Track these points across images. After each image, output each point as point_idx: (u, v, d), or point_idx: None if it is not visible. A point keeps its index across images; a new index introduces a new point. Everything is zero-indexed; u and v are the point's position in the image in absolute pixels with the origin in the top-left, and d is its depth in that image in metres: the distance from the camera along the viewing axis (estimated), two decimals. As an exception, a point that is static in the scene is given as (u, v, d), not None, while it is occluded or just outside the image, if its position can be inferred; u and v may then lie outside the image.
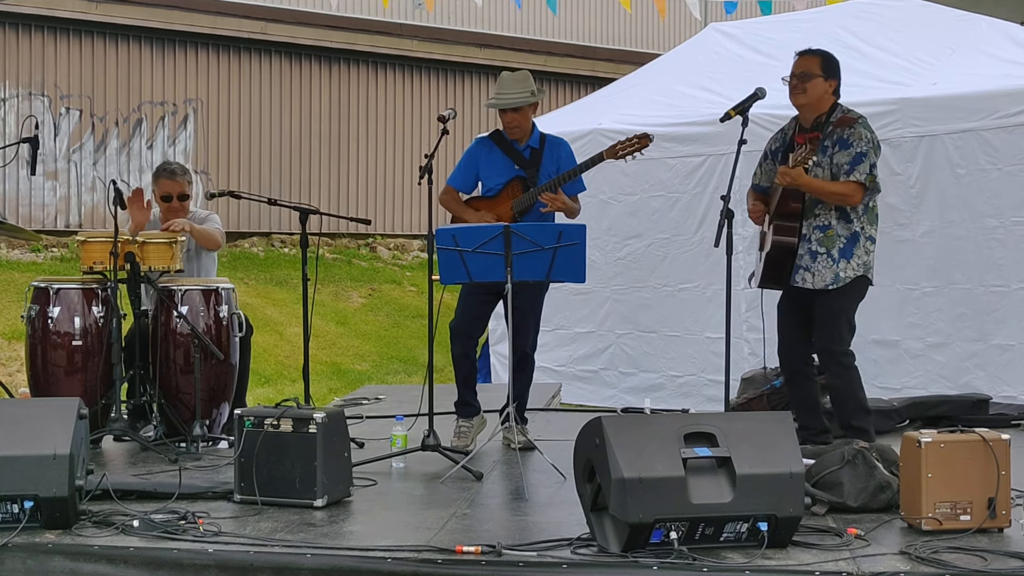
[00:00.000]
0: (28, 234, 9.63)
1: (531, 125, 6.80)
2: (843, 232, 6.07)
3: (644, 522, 4.32)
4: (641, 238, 9.69)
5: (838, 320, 6.09)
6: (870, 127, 6.14)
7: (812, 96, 6.15)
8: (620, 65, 17.23)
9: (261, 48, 16.29)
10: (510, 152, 6.80)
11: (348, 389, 10.88)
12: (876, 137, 6.14)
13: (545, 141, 6.84)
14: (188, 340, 6.67)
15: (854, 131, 6.06)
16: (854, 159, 6.01)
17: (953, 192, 8.18)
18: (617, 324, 9.87)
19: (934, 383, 8.18)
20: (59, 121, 14.90)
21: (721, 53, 10.13)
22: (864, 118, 6.17)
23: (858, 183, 6.01)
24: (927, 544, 4.49)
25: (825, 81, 6.15)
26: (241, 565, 4.43)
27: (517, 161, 6.78)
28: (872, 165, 6.03)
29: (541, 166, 6.74)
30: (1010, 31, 8.82)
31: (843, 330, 6.11)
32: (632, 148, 6.64)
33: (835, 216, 6.07)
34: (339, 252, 16.41)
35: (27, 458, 4.68)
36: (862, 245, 6.08)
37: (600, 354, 9.95)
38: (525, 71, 6.91)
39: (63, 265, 13.69)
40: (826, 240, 6.07)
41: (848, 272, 6.06)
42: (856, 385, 6.14)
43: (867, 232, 6.11)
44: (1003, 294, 8.01)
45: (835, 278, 6.06)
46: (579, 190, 6.84)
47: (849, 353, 6.12)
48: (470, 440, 6.71)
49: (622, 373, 9.84)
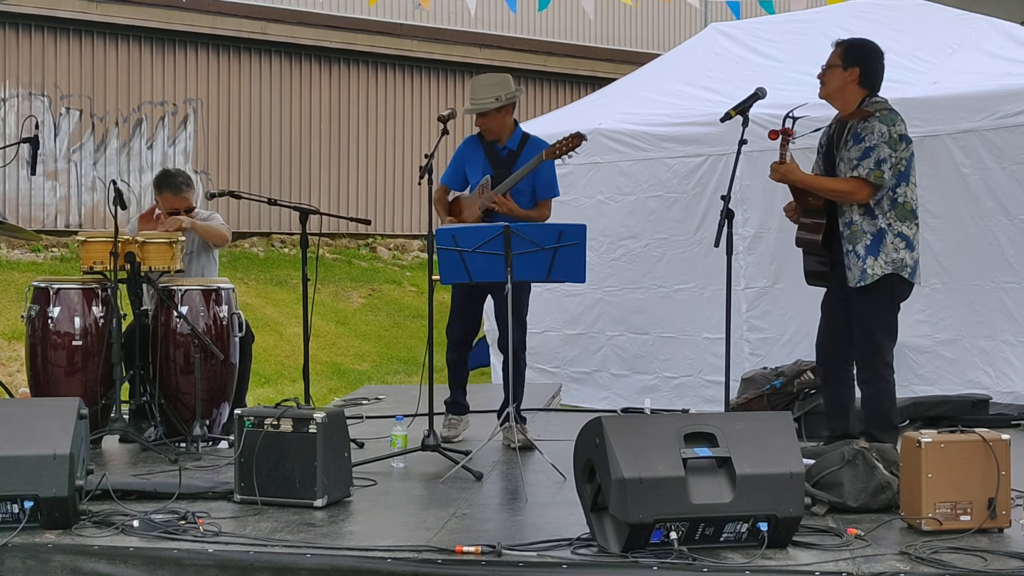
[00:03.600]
0: (28, 234, 9.63)
1: (510, 126, 6.88)
2: (868, 228, 5.87)
3: (644, 522, 4.32)
4: (638, 239, 9.66)
5: (873, 326, 5.91)
6: (891, 119, 5.87)
7: (829, 88, 6.01)
8: (620, 65, 17.22)
9: (261, 48, 16.28)
10: (488, 152, 6.89)
11: (348, 389, 10.88)
12: (896, 130, 5.86)
13: (526, 142, 6.89)
14: (188, 340, 6.67)
15: (868, 124, 5.87)
16: (862, 154, 5.84)
17: (959, 191, 8.17)
18: (608, 326, 9.84)
19: (942, 380, 8.16)
20: (59, 121, 14.90)
21: (721, 53, 10.13)
22: (888, 112, 5.91)
23: (860, 179, 5.83)
24: (927, 544, 4.49)
25: (844, 71, 5.96)
26: (241, 565, 4.43)
27: (492, 161, 6.87)
28: (881, 160, 5.79)
29: (515, 167, 6.80)
30: (1010, 30, 8.82)
31: (879, 336, 5.91)
32: (567, 147, 6.69)
33: (858, 212, 5.88)
34: (339, 252, 16.40)
35: (27, 458, 4.68)
36: (890, 242, 5.86)
37: (592, 356, 9.92)
38: (502, 74, 6.97)
39: (63, 265, 13.69)
40: (852, 237, 5.89)
41: (876, 269, 5.85)
42: (886, 400, 5.96)
43: (896, 228, 5.87)
44: (1014, 291, 8.01)
45: (862, 275, 5.87)
46: (552, 194, 6.94)
47: (887, 364, 5.92)
48: (459, 432, 6.96)
49: (614, 375, 9.81)
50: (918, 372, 8.34)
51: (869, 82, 6.03)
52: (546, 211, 6.92)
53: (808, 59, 9.20)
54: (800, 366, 7.59)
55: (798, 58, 9.42)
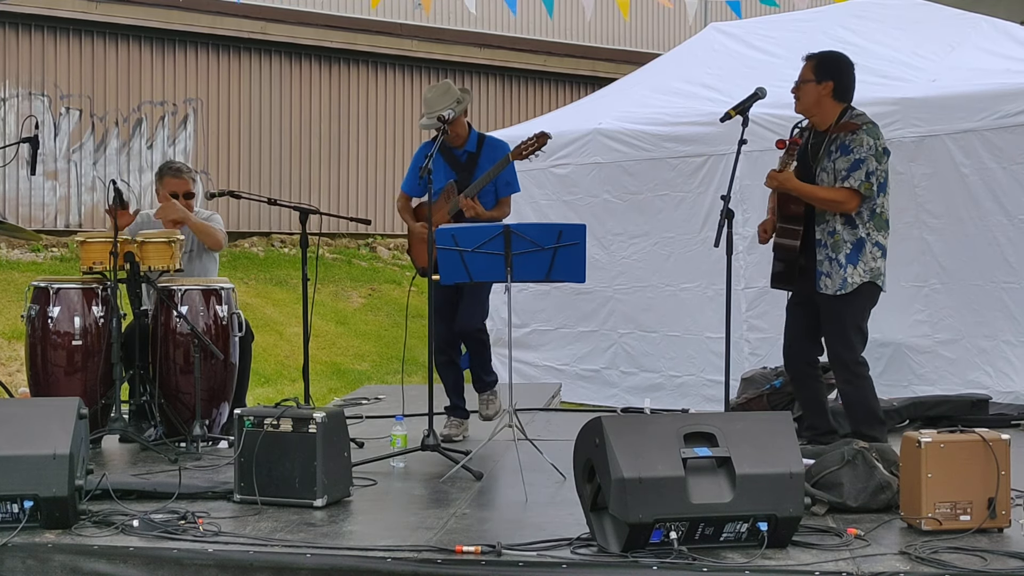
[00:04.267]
0: (28, 234, 9.63)
1: (466, 130, 6.95)
2: (848, 237, 6.00)
3: (644, 522, 4.32)
4: (648, 237, 9.68)
5: (847, 328, 6.02)
6: (876, 133, 6.01)
7: (804, 103, 6.11)
8: (620, 65, 17.22)
9: (261, 48, 16.28)
10: (447, 157, 6.94)
11: (348, 389, 10.88)
12: (881, 143, 6.01)
13: (483, 144, 6.98)
14: (188, 340, 6.67)
15: (856, 137, 5.97)
16: (851, 165, 5.94)
17: (959, 190, 8.17)
18: (620, 323, 9.87)
19: (942, 380, 8.17)
20: (59, 121, 14.90)
21: (721, 52, 10.13)
22: (872, 124, 6.04)
23: (851, 190, 5.93)
24: (927, 544, 4.49)
25: (817, 85, 6.05)
26: (241, 565, 4.43)
27: (453, 166, 6.94)
28: (870, 172, 5.92)
29: (477, 168, 6.88)
30: (1010, 29, 8.82)
31: (853, 338, 6.04)
32: (532, 147, 6.72)
33: (840, 221, 6.00)
34: (339, 252, 16.40)
35: (27, 458, 4.68)
36: (868, 251, 6.00)
37: (602, 353, 9.95)
38: (445, 82, 7.06)
39: (63, 265, 13.69)
40: (834, 245, 6.01)
41: (855, 278, 5.98)
42: (868, 394, 6.06)
43: (873, 238, 6.02)
44: (1013, 291, 8.01)
45: (843, 283, 5.99)
46: (513, 191, 7.01)
47: (861, 362, 6.05)
48: (459, 433, 7.03)
49: (623, 372, 9.84)
50: (918, 372, 8.34)
51: (843, 94, 6.11)
52: (507, 208, 7.01)
53: (808, 59, 9.23)
54: (800, 366, 7.59)
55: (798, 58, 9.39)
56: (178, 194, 7.26)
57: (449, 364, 7.09)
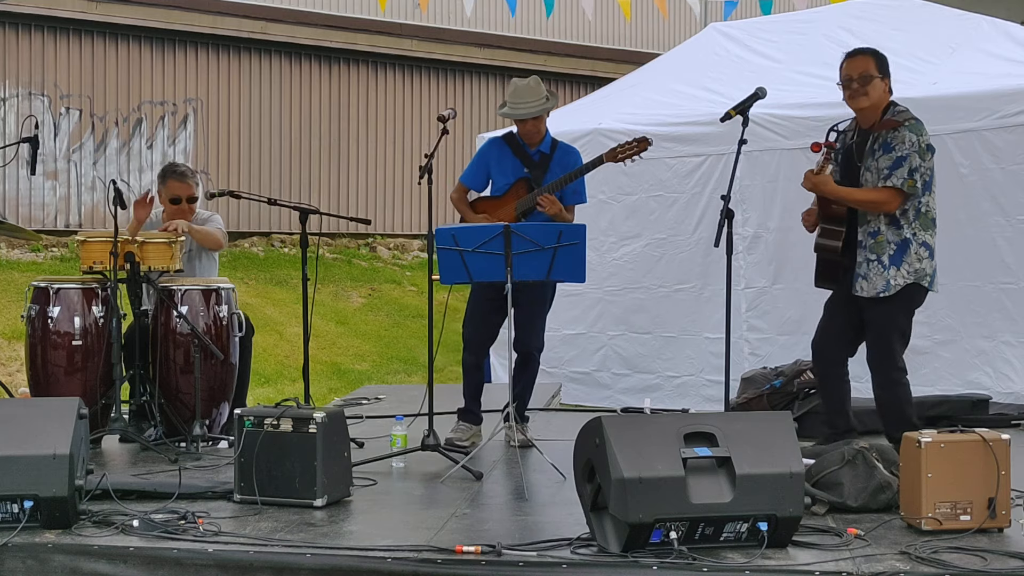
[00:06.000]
0: (28, 234, 9.64)
1: (545, 129, 6.85)
2: (893, 238, 5.88)
3: (644, 522, 4.32)
4: (639, 239, 9.67)
5: (890, 333, 5.92)
6: (919, 129, 5.88)
7: (874, 98, 5.95)
8: (620, 65, 17.22)
9: (261, 48, 16.28)
10: (520, 154, 6.84)
11: (348, 389, 10.88)
12: (925, 140, 5.87)
13: (556, 147, 6.88)
14: (188, 340, 6.67)
15: (898, 134, 5.85)
16: (893, 163, 5.83)
17: (958, 191, 8.16)
18: (609, 325, 9.84)
19: (942, 380, 8.16)
20: (59, 121, 14.90)
21: (721, 53, 10.13)
22: (915, 121, 5.91)
23: (894, 188, 5.81)
24: (927, 544, 4.49)
25: (882, 80, 5.96)
26: (241, 565, 4.43)
27: (525, 163, 6.82)
28: (913, 169, 5.80)
29: (549, 170, 6.78)
30: (1010, 30, 8.81)
31: (895, 344, 5.92)
32: (632, 151, 6.65)
33: (884, 222, 5.89)
34: (339, 252, 16.40)
35: (27, 458, 4.68)
36: (913, 252, 5.88)
37: (592, 355, 9.93)
38: (535, 77, 6.90)
39: (63, 265, 13.68)
40: (876, 247, 5.89)
41: (898, 280, 5.86)
42: (904, 401, 5.96)
43: (920, 238, 5.90)
44: (1012, 291, 8.01)
45: (886, 285, 5.87)
46: (579, 200, 6.88)
47: (900, 367, 5.93)
48: (466, 438, 6.78)
49: (616, 374, 9.82)
50: (918, 372, 8.29)
51: (891, 88, 6.05)
52: (572, 217, 6.83)
53: (808, 59, 9.23)
54: (800, 366, 7.60)
55: (798, 58, 9.43)
56: (181, 198, 7.26)
57: (476, 368, 6.92)
